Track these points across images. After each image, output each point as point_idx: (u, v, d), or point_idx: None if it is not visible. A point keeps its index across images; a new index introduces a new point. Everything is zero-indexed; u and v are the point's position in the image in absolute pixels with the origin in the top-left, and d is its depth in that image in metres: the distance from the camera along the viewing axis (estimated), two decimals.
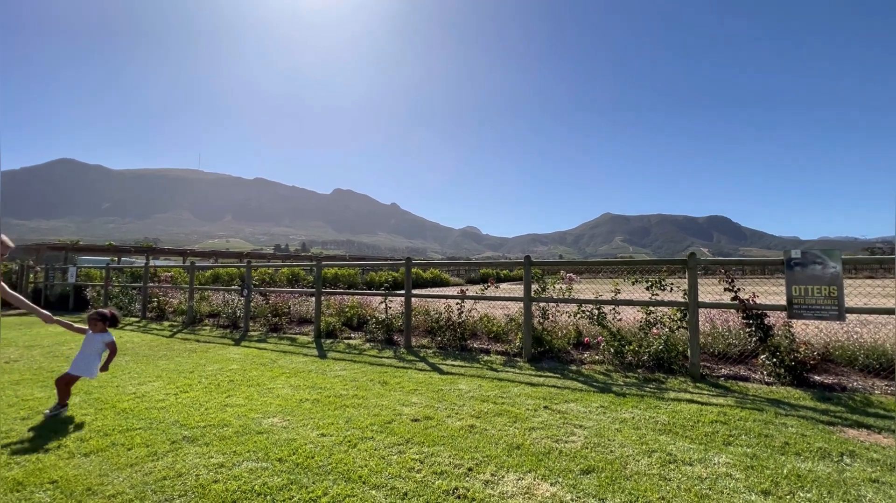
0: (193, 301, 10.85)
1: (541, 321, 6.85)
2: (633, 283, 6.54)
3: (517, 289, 7.42)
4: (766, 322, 5.41)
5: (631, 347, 5.89)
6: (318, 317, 8.65)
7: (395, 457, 3.19)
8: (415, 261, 8.46)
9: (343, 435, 3.59)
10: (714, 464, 3.07)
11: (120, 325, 4.61)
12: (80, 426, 3.80)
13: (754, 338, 5.49)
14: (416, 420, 3.95)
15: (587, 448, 3.33)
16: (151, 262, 18.60)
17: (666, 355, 5.63)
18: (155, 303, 12.16)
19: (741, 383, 5.12)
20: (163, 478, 2.84)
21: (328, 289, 9.15)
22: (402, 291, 7.77)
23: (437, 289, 22.84)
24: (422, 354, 6.95)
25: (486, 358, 6.61)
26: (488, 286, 7.50)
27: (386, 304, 8.24)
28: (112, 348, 4.47)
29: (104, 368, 4.46)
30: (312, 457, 3.14)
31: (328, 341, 8.14)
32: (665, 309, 6.20)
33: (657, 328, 6.04)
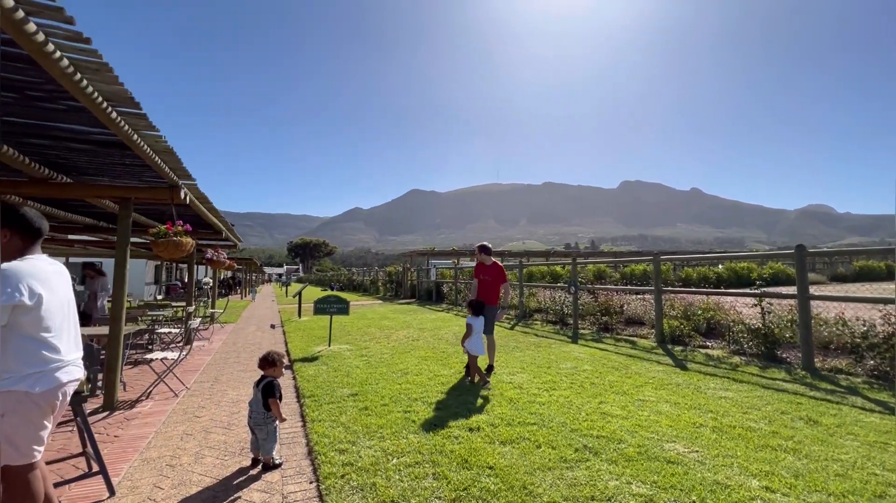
0: (523, 297, 11.79)
1: None
2: None
3: None
4: None
5: None
6: (660, 318, 7.55)
7: None
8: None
9: (804, 500, 2.48)
10: None
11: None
12: (481, 409, 4.19)
13: None
14: None
15: None
16: None
17: None
18: None
19: None
20: (591, 497, 2.55)
21: (672, 288, 7.89)
22: (792, 290, 5.70)
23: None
24: (843, 382, 4.82)
25: None
26: None
27: (762, 308, 6.28)
28: (468, 329, 5.25)
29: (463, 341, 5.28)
30: None
31: (677, 348, 6.94)
32: None
33: None
